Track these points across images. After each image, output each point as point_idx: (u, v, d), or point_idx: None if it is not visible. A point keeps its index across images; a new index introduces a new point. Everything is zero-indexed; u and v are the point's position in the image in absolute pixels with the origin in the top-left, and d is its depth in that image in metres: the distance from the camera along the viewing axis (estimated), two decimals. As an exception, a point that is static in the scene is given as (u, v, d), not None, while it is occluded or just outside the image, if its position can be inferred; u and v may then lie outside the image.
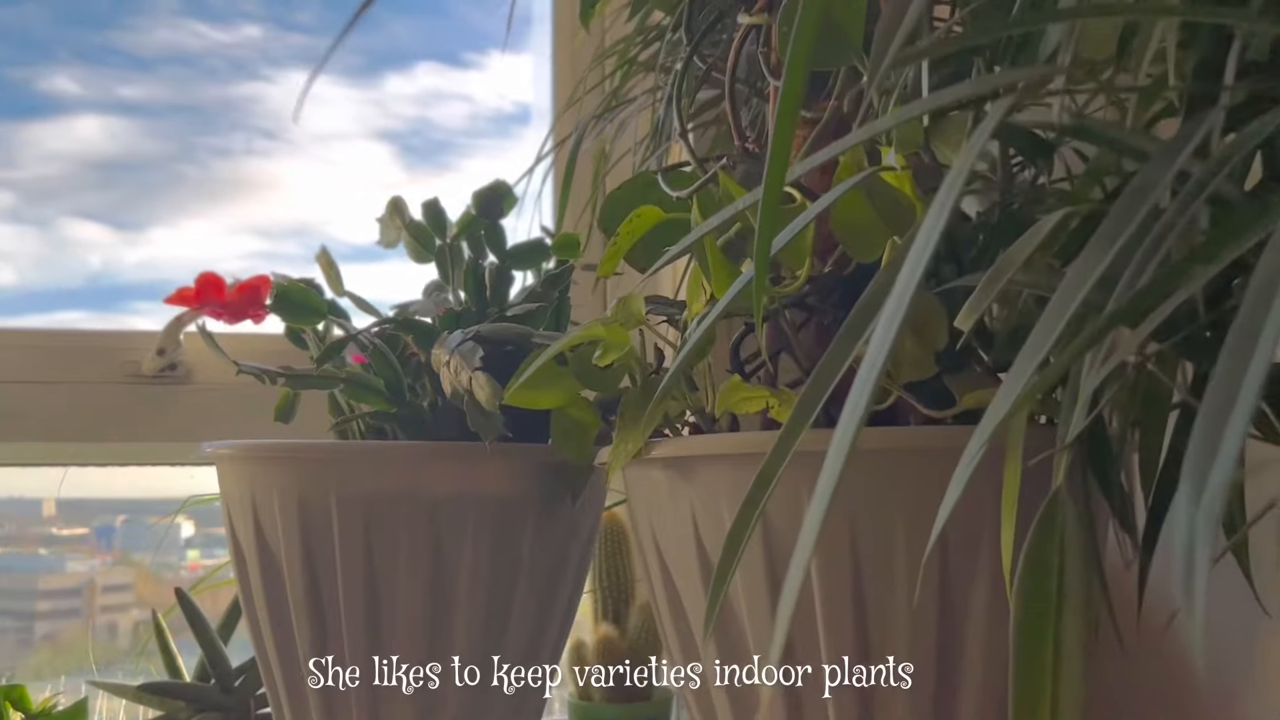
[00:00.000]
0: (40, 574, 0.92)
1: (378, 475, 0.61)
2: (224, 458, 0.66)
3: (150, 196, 0.94)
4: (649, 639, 0.96)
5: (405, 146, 1.00)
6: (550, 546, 0.67)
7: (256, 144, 0.96)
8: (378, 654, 0.62)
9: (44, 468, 1.07)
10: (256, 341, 1.08)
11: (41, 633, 0.92)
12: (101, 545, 0.96)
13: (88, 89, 0.93)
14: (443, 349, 0.57)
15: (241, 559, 0.67)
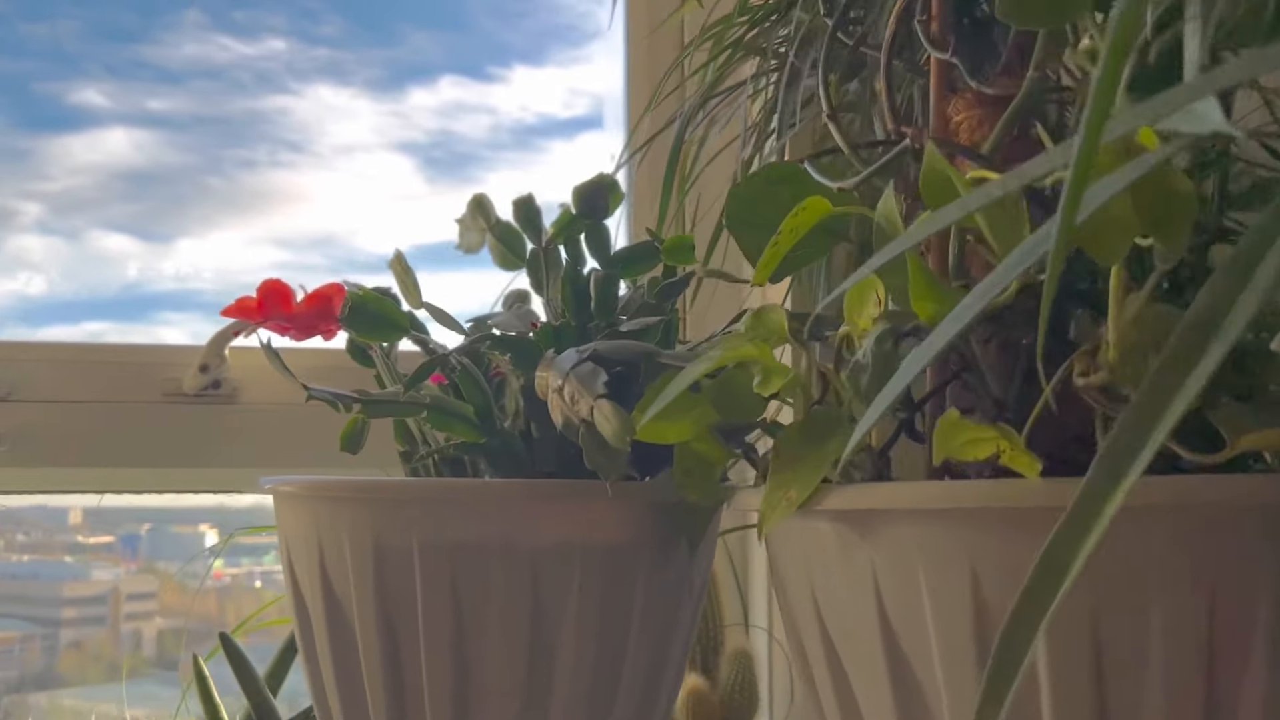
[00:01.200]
0: (66, 582, 0.91)
1: (470, 519, 0.52)
2: (285, 495, 0.57)
3: (177, 208, 0.94)
4: (744, 693, 0.86)
5: (427, 159, 1.00)
6: (663, 601, 0.57)
7: (281, 156, 0.96)
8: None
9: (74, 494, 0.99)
10: (301, 356, 0.99)
11: (66, 640, 0.90)
12: (126, 553, 0.94)
13: (116, 102, 0.94)
14: (551, 371, 0.48)
15: (303, 608, 0.58)
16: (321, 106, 0.97)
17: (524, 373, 0.52)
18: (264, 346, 0.55)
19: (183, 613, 0.93)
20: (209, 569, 0.94)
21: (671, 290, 0.56)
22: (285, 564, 0.59)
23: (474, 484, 0.53)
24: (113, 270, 0.98)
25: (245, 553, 0.96)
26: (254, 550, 0.96)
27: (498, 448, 0.56)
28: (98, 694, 0.96)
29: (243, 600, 0.95)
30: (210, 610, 0.97)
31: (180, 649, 0.90)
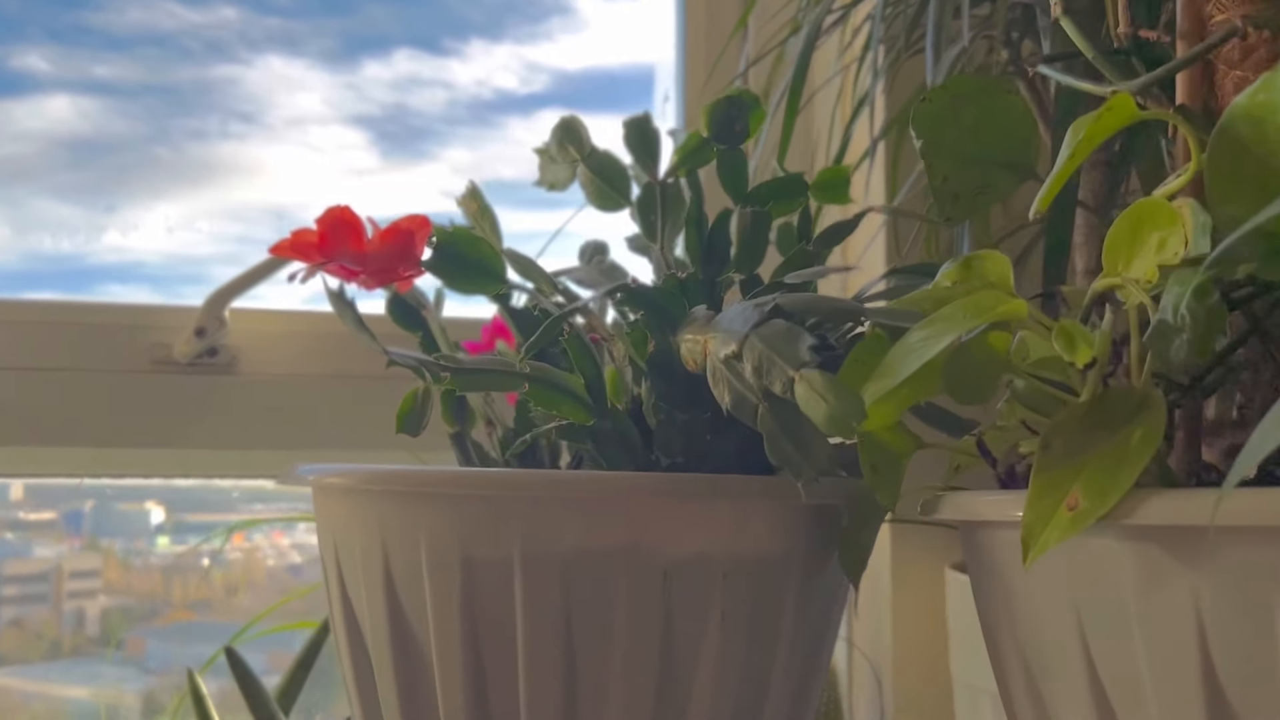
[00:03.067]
0: (6, 559, 0.87)
1: (589, 523, 0.40)
2: (335, 488, 0.45)
3: (123, 178, 0.91)
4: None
5: (381, 133, 0.99)
6: (812, 621, 0.46)
7: (231, 127, 0.94)
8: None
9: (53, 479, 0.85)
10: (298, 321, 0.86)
11: (6, 618, 0.88)
12: (70, 530, 0.90)
13: (60, 68, 0.91)
14: (716, 332, 0.36)
15: (355, 627, 0.46)
16: (273, 77, 0.94)
17: (659, 336, 0.41)
18: (334, 296, 0.42)
19: (127, 591, 0.90)
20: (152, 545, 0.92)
21: (836, 234, 0.44)
22: (331, 571, 0.47)
23: (597, 477, 0.42)
24: (55, 240, 0.94)
25: (192, 530, 0.91)
26: (201, 528, 0.92)
27: (609, 432, 0.44)
28: (39, 673, 0.92)
29: (189, 579, 0.91)
30: (155, 589, 0.94)
31: (124, 628, 0.89)
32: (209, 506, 0.94)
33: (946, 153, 0.44)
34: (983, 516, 0.35)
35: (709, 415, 0.44)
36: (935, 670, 0.77)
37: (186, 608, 0.91)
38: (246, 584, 0.93)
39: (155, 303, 0.84)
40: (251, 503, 0.93)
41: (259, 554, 0.93)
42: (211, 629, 0.91)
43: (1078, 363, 0.30)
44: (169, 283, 0.95)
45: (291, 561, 0.93)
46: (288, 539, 0.92)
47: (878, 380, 0.32)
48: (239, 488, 0.93)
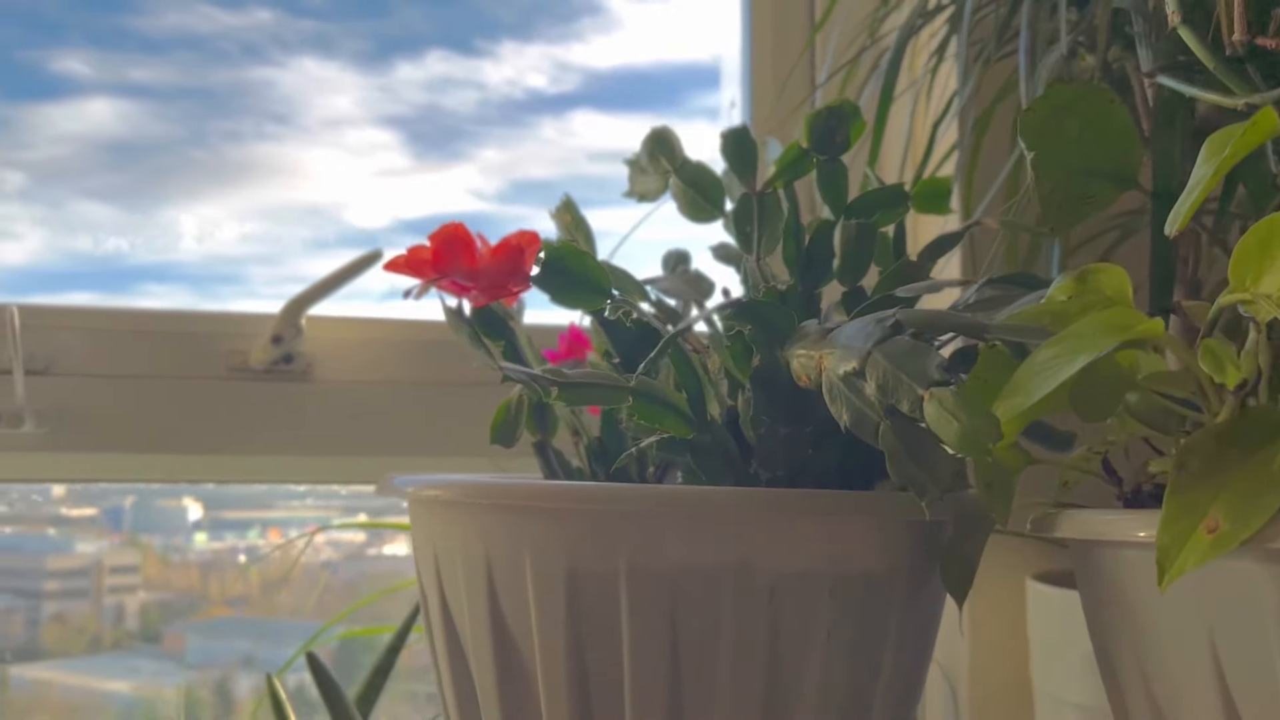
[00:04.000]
0: (48, 554, 0.89)
1: (696, 538, 0.40)
2: (435, 501, 0.45)
3: (161, 179, 0.91)
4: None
5: (414, 133, 0.99)
6: (914, 636, 0.45)
7: (267, 128, 0.95)
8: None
9: (130, 483, 0.87)
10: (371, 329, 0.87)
11: (49, 613, 0.89)
12: (110, 526, 0.91)
13: (99, 71, 0.93)
14: (834, 348, 0.36)
15: (455, 641, 0.46)
16: (307, 79, 0.95)
17: (765, 350, 0.40)
18: (452, 312, 0.42)
19: (166, 586, 0.92)
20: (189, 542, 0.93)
21: (943, 246, 0.43)
22: (430, 582, 0.47)
23: (705, 493, 0.41)
24: (95, 241, 0.96)
25: (229, 527, 0.93)
26: (238, 525, 0.94)
27: (709, 446, 0.44)
28: (80, 666, 0.94)
29: (226, 575, 0.93)
30: (193, 584, 0.95)
31: (163, 623, 0.90)
32: (245, 504, 0.95)
33: (1054, 163, 0.43)
34: (1107, 536, 0.35)
35: (811, 430, 0.44)
36: (1013, 681, 0.76)
37: (224, 603, 0.93)
38: (282, 581, 0.94)
39: (232, 309, 0.85)
40: (287, 500, 0.95)
41: (295, 551, 0.93)
42: (249, 625, 0.92)
43: (1228, 384, 0.29)
44: (206, 283, 0.96)
45: (327, 558, 0.93)
46: (323, 536, 0.92)
47: (1009, 399, 0.32)
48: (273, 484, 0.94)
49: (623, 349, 0.50)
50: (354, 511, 0.94)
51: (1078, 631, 0.62)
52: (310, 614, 0.90)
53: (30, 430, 0.77)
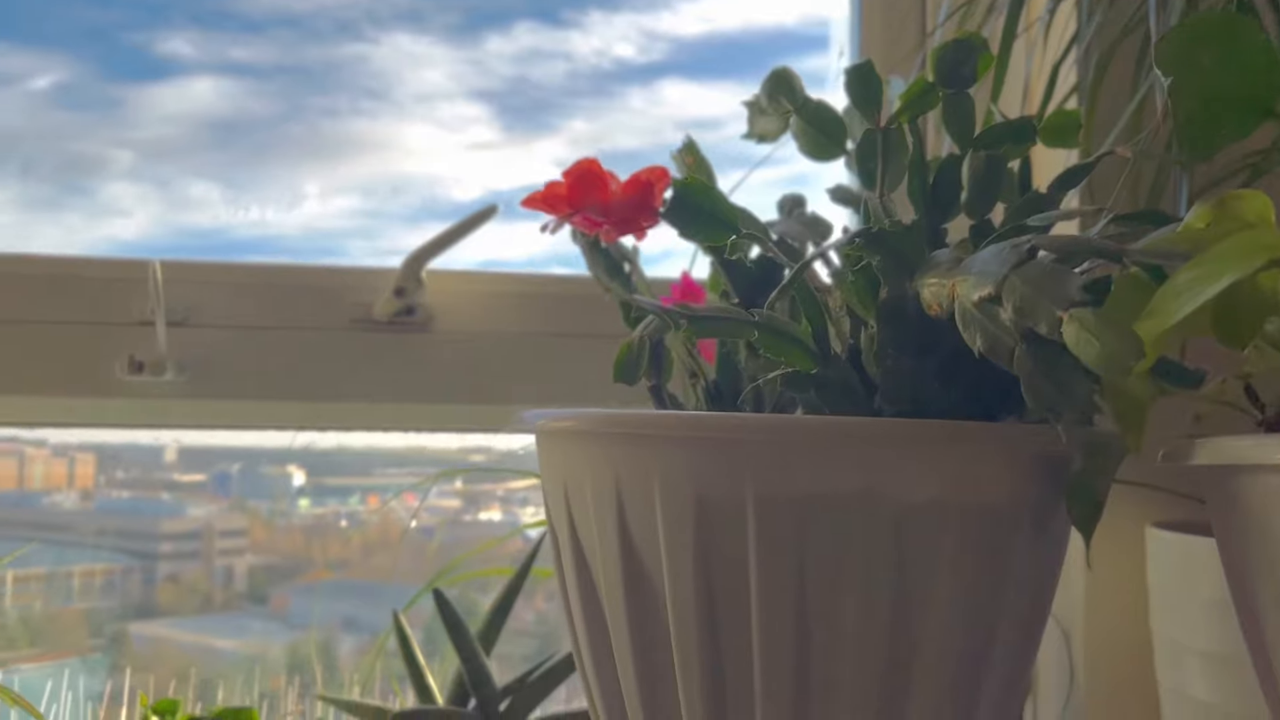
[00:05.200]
0: (163, 518, 0.92)
1: (823, 467, 0.41)
2: (564, 434, 0.47)
3: (261, 156, 0.94)
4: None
5: (504, 106, 1.00)
6: (1037, 578, 0.46)
7: (361, 104, 0.97)
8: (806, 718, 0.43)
9: (268, 431, 0.91)
10: (481, 283, 0.89)
11: (164, 573, 0.93)
12: (219, 492, 0.95)
13: (201, 51, 0.96)
14: (967, 275, 0.36)
15: (584, 568, 0.48)
16: (400, 54, 0.97)
17: (894, 281, 0.41)
18: (585, 243, 0.44)
19: (271, 550, 0.95)
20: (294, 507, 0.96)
21: (1074, 178, 0.43)
22: (559, 514, 0.49)
23: (831, 422, 0.42)
24: (200, 217, 1.00)
25: (331, 493, 0.95)
26: (339, 491, 0.96)
27: (833, 380, 0.44)
28: (192, 624, 0.98)
29: (329, 539, 0.95)
30: (297, 548, 0.97)
31: (269, 585, 0.93)
32: (346, 470, 0.98)
33: (1190, 90, 0.42)
34: (1250, 460, 0.35)
35: (936, 363, 0.44)
36: (1129, 631, 0.76)
37: (326, 567, 0.96)
38: (381, 545, 0.97)
39: (356, 265, 0.89)
40: (386, 467, 0.97)
41: (394, 517, 0.96)
42: (350, 587, 0.95)
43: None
44: (306, 256, 0.99)
45: (424, 524, 0.96)
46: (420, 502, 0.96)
47: (1149, 320, 0.32)
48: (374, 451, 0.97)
49: (742, 289, 0.51)
50: (451, 479, 0.96)
51: (1202, 577, 0.61)
52: (409, 577, 0.93)
53: (171, 378, 0.81)
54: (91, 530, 0.93)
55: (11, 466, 0.89)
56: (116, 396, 0.81)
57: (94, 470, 0.92)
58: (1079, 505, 0.43)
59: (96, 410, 0.84)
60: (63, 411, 0.85)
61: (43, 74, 0.93)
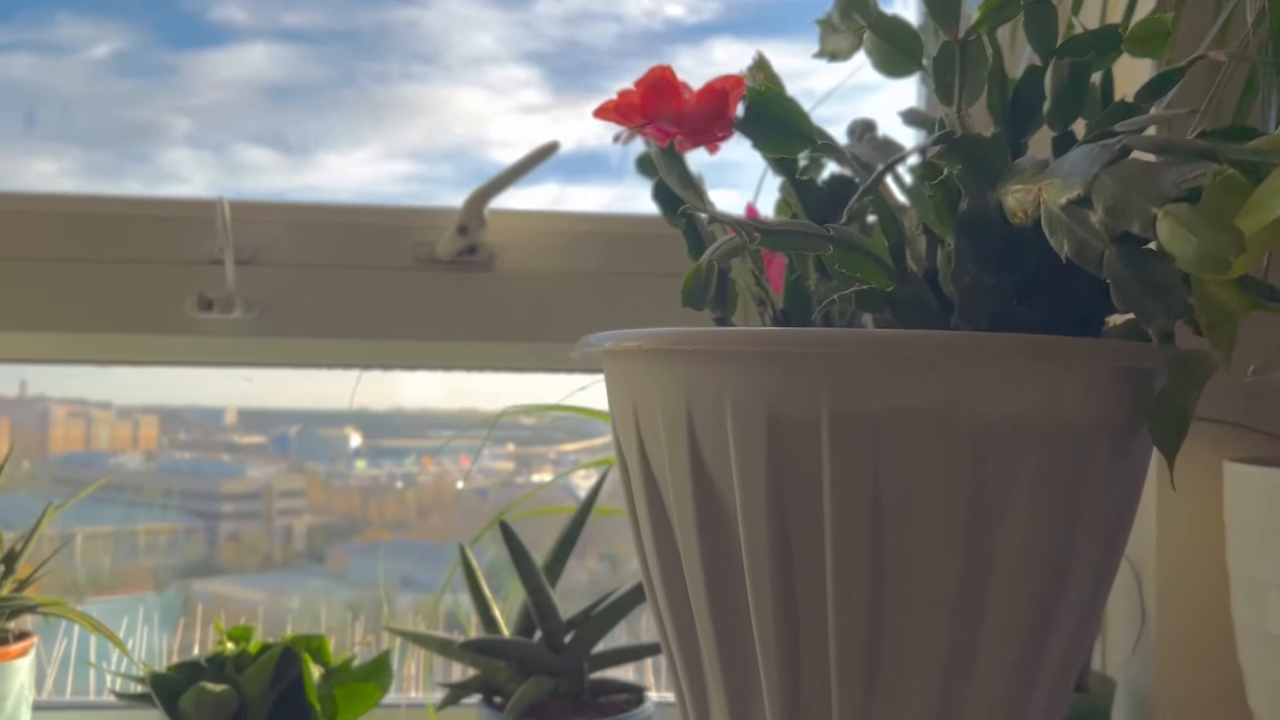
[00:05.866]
0: (223, 479, 0.94)
1: (900, 382, 0.40)
2: (638, 352, 0.47)
3: (314, 121, 0.95)
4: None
5: (554, 69, 1.00)
6: (1118, 495, 0.45)
7: (412, 68, 0.97)
8: (879, 650, 0.42)
9: (333, 370, 0.92)
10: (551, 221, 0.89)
11: (225, 532, 0.94)
12: (278, 453, 0.96)
13: (255, 17, 0.96)
14: (1054, 179, 0.35)
15: (653, 490, 0.47)
16: (450, 17, 0.97)
17: (975, 191, 0.40)
18: (659, 151, 0.43)
19: (329, 510, 0.96)
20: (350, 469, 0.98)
21: (1163, 84, 0.42)
22: (629, 436, 0.49)
23: (909, 335, 0.41)
24: (254, 182, 1.01)
25: (386, 455, 0.97)
26: (395, 453, 0.98)
27: (909, 299, 0.43)
28: (253, 582, 1.00)
29: (385, 500, 0.97)
30: (354, 508, 0.99)
31: (327, 544, 0.96)
32: (401, 432, 0.99)
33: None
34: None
35: (1017, 279, 0.43)
36: (1203, 567, 0.74)
37: (383, 527, 0.97)
38: (436, 506, 0.98)
39: (419, 204, 0.89)
40: (439, 429, 0.98)
41: (448, 478, 0.97)
42: (406, 547, 0.96)
43: None
44: None
45: (477, 486, 0.97)
46: (474, 464, 0.96)
47: (1246, 217, 0.31)
48: (428, 413, 0.97)
49: (813, 210, 0.50)
50: (503, 441, 0.97)
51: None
52: (464, 537, 0.94)
53: (239, 316, 0.82)
54: (156, 490, 0.95)
55: (80, 428, 0.91)
56: (187, 334, 0.83)
57: (157, 432, 0.94)
58: (1163, 424, 0.42)
59: (168, 347, 0.86)
60: (135, 349, 0.86)
61: (101, 43, 0.94)
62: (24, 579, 0.76)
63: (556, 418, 0.90)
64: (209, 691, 0.65)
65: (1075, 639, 0.46)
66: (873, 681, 0.43)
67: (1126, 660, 0.79)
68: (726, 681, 0.46)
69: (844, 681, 0.43)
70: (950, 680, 0.43)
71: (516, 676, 0.73)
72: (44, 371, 0.92)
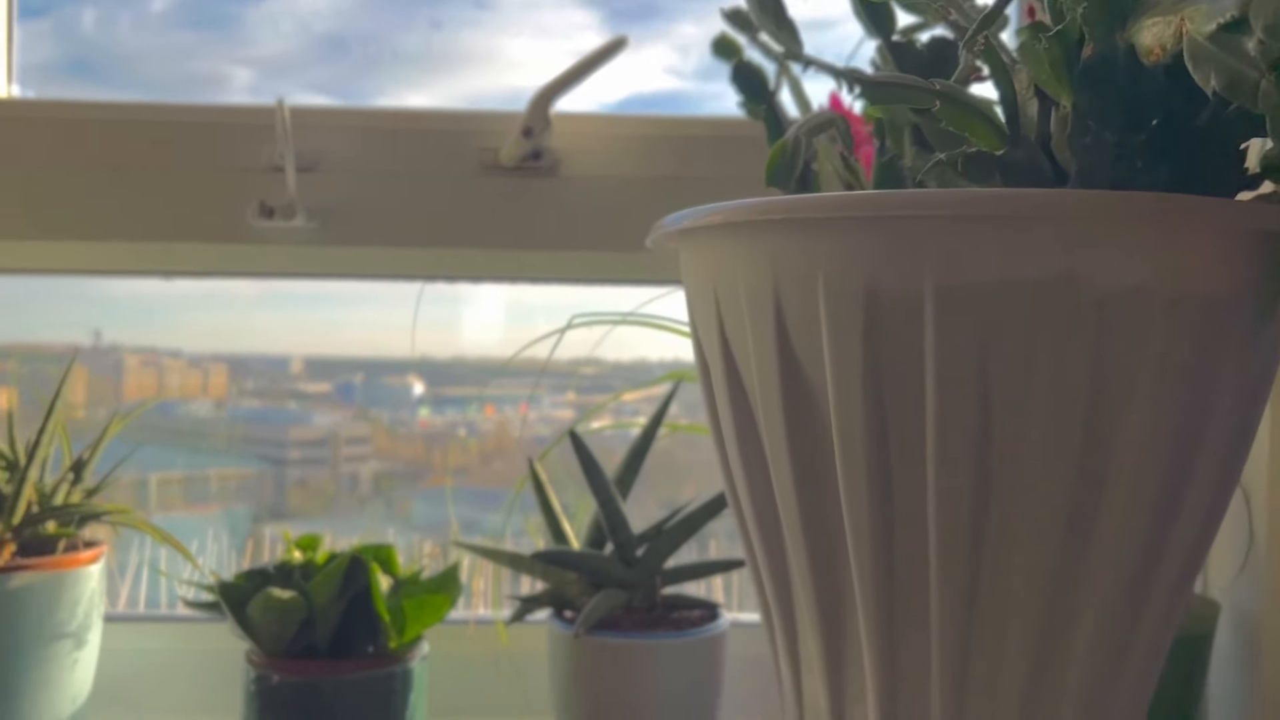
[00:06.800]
0: (291, 425, 0.96)
1: (1015, 249, 0.36)
2: (721, 227, 0.43)
3: (373, 70, 0.94)
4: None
5: (611, 11, 0.98)
6: (1251, 377, 0.40)
7: (468, 14, 0.96)
8: (980, 548, 0.39)
9: (395, 281, 0.90)
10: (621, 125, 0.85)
11: (294, 478, 0.97)
12: (343, 401, 0.98)
13: None
14: (1196, 4, 0.31)
15: (735, 379, 0.44)
16: None
17: (1102, 34, 0.35)
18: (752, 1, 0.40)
19: (394, 457, 0.98)
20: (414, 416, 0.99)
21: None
22: (709, 323, 0.45)
23: (1028, 194, 0.37)
24: None
25: (449, 403, 0.98)
26: (457, 401, 0.99)
27: (1021, 163, 0.39)
28: (321, 526, 1.01)
29: (448, 447, 0.98)
30: (418, 455, 1.00)
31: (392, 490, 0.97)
32: (463, 381, 0.98)
33: None
34: None
35: (1142, 138, 0.39)
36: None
37: (446, 473, 0.97)
38: (498, 453, 0.97)
39: (479, 108, 0.86)
40: (500, 379, 0.98)
41: (509, 426, 0.97)
42: (468, 493, 0.97)
43: None
44: None
45: (538, 434, 0.98)
46: (534, 412, 0.97)
47: None
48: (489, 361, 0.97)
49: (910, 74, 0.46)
50: (563, 390, 0.96)
51: None
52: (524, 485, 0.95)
53: (301, 224, 0.80)
54: (225, 437, 0.96)
55: (151, 376, 0.93)
56: (248, 242, 0.81)
57: (226, 380, 0.95)
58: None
59: (230, 256, 0.84)
60: (199, 258, 0.85)
61: (162, -6, 0.94)
62: (92, 489, 0.76)
63: (616, 367, 0.89)
64: (276, 598, 0.64)
65: (1192, 551, 0.42)
66: (975, 583, 0.40)
67: (1231, 582, 0.74)
68: (816, 591, 0.43)
69: (944, 582, 0.40)
70: (1058, 591, 0.40)
71: (587, 590, 0.71)
72: (118, 321, 0.93)
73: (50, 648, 0.70)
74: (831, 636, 0.44)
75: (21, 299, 0.93)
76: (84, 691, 0.74)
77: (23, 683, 0.69)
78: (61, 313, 0.95)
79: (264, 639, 0.66)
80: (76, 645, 0.71)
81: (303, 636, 0.67)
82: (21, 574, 0.68)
